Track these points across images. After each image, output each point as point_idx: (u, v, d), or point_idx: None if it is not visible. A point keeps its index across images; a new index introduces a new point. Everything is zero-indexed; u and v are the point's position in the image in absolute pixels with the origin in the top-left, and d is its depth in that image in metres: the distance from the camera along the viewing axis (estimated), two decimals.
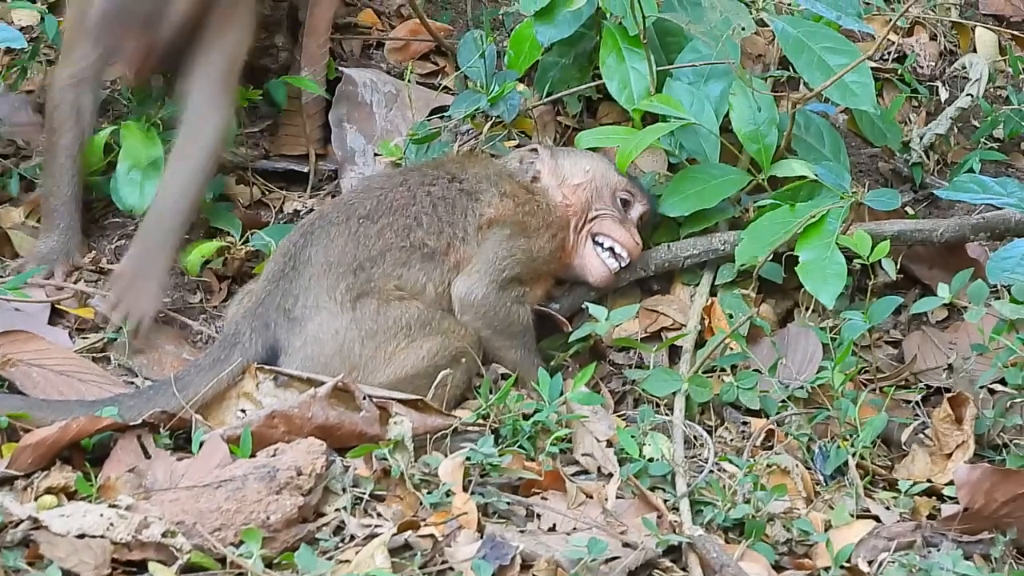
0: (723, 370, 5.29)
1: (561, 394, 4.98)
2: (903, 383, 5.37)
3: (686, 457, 4.92)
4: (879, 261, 5.27)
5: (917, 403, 5.29)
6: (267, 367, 5.02)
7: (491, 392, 5.00)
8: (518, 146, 5.79)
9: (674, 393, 5.15)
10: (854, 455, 4.91)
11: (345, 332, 5.08)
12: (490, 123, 5.85)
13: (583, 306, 5.38)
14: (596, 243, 5.48)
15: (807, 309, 5.42)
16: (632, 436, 4.89)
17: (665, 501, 4.72)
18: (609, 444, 4.94)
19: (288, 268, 5.19)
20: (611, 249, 5.47)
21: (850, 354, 5.11)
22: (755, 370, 5.26)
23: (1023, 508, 4.54)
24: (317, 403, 4.74)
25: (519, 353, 5.28)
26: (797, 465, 4.90)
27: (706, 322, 5.46)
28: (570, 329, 5.37)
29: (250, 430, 4.66)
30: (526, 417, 4.92)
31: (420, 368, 5.10)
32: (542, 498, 4.69)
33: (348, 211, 5.30)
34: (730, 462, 4.92)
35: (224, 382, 4.99)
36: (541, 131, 5.98)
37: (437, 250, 5.24)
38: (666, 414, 5.12)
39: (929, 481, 4.94)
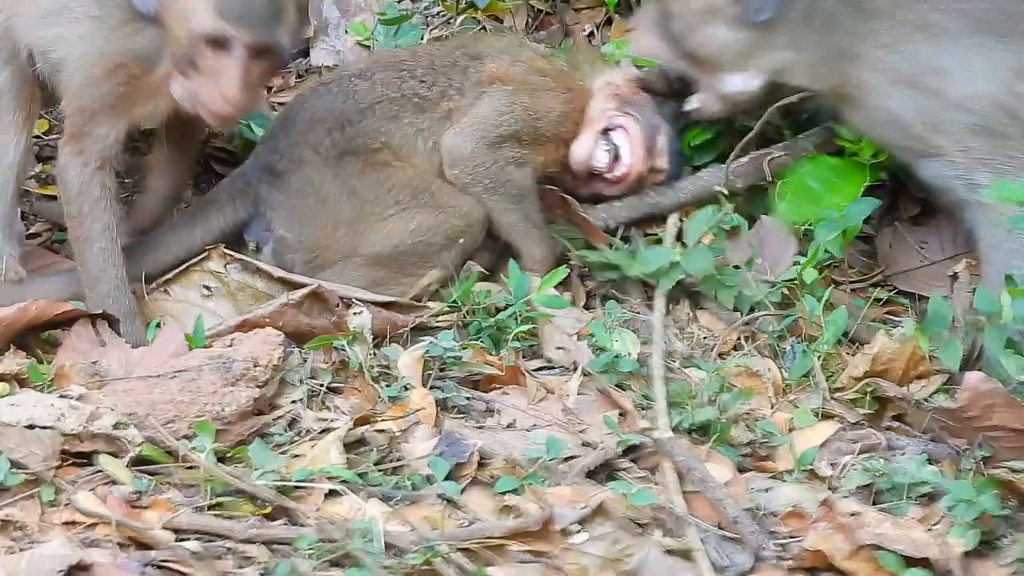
0: None
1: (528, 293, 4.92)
2: (875, 283, 5.33)
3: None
4: None
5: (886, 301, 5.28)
6: (237, 254, 4.99)
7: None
8: None
9: (648, 290, 5.11)
10: (819, 356, 4.88)
11: (328, 186, 5.01)
12: (462, 5, 5.76)
13: None
14: (604, 134, 5.28)
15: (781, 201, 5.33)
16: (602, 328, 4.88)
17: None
18: (579, 338, 4.91)
19: (277, 128, 5.14)
20: (615, 150, 5.29)
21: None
22: (735, 266, 5.18)
23: (1008, 437, 4.51)
24: (289, 311, 4.72)
25: (515, 217, 5.12)
26: (770, 369, 4.87)
27: (684, 222, 5.31)
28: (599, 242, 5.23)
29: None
30: (494, 312, 4.88)
31: (410, 243, 5.01)
32: (503, 393, 4.68)
33: (343, 70, 5.28)
34: (697, 367, 4.90)
35: (195, 246, 4.98)
36: (514, 15, 5.86)
37: (429, 99, 5.11)
38: (636, 312, 5.08)
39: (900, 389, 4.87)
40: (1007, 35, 4.96)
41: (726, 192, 5.25)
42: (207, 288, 4.94)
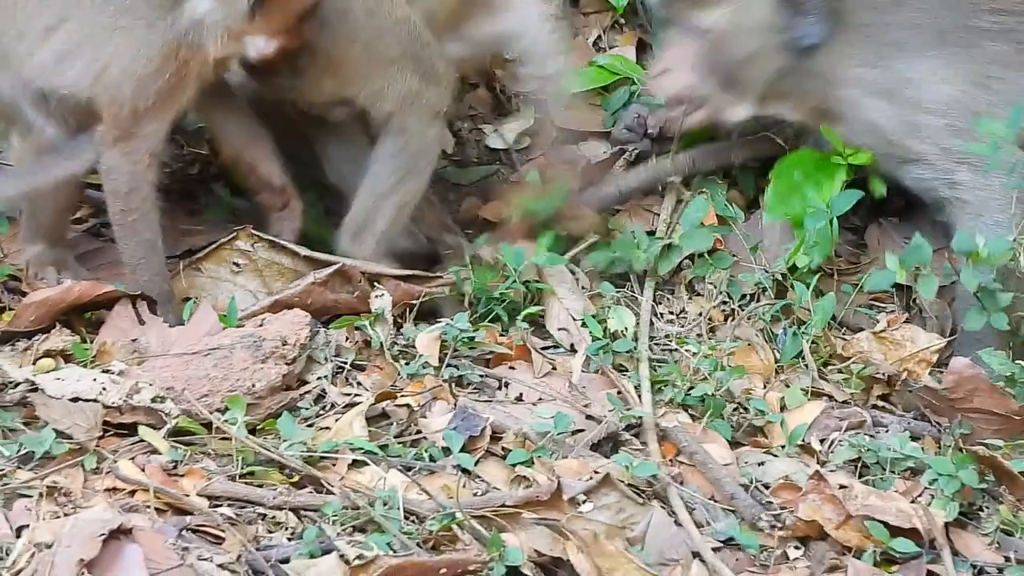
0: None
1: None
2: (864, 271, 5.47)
3: (650, 337, 5.09)
4: None
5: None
6: (264, 235, 5.13)
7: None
8: None
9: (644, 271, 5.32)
10: (808, 339, 5.06)
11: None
12: None
13: None
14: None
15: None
16: (594, 316, 5.07)
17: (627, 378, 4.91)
18: (584, 325, 5.11)
19: None
20: None
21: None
22: (732, 254, 5.39)
23: (988, 419, 4.75)
24: (316, 290, 4.91)
25: None
26: (763, 347, 5.07)
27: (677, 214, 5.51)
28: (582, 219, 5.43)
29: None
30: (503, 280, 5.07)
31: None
32: (510, 367, 4.88)
33: None
34: (687, 344, 5.09)
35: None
36: None
37: None
38: (631, 293, 5.28)
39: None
40: (965, 47, 5.22)
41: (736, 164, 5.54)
42: (236, 264, 5.10)
